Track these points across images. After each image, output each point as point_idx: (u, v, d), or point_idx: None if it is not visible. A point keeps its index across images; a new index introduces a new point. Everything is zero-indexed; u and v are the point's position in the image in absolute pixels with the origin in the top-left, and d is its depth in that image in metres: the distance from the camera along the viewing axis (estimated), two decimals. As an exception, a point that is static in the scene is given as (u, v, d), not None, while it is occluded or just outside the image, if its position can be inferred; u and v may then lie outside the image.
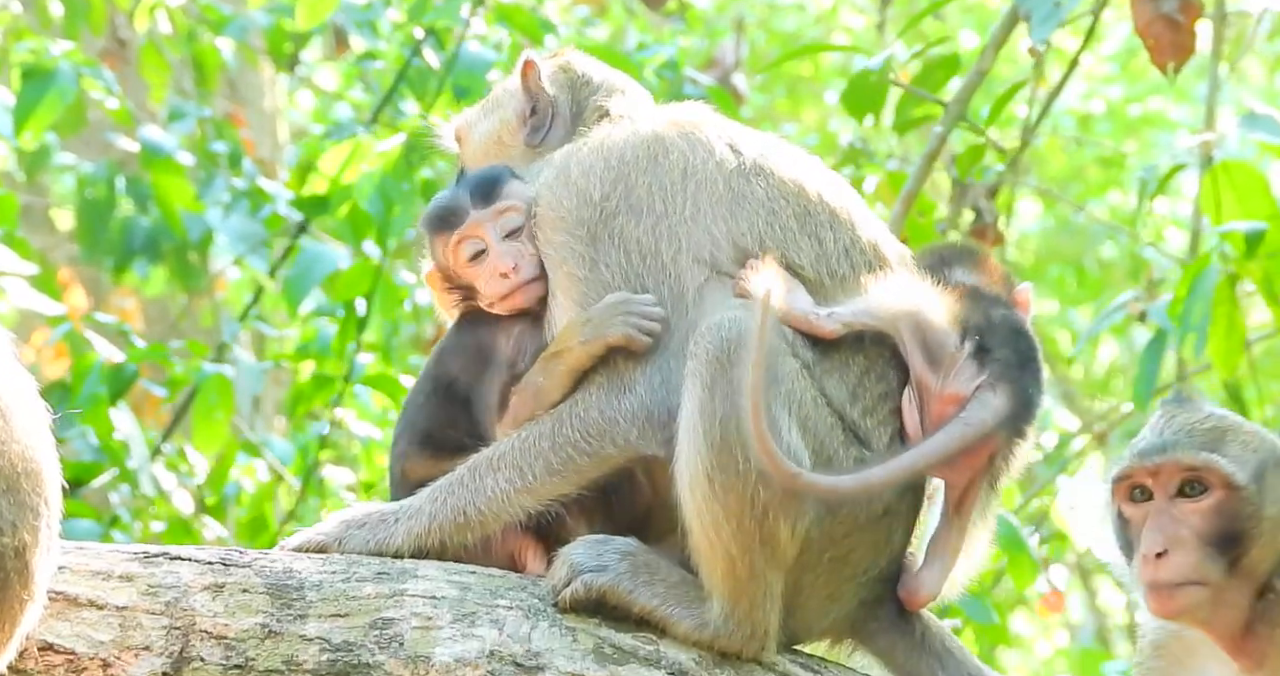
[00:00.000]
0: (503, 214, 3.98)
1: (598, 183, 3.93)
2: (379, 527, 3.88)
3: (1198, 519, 3.84)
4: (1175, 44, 5.79)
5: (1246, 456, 3.88)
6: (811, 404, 3.79)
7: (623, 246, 3.88)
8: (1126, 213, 12.82)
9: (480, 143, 4.24)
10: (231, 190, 8.40)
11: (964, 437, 3.84)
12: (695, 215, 3.90)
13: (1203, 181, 6.31)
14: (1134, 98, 13.65)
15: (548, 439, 3.84)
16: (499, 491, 3.83)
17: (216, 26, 8.96)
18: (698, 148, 3.95)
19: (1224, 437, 3.90)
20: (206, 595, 3.73)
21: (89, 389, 7.22)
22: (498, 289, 3.94)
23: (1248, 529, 3.83)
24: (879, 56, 6.41)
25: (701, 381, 3.72)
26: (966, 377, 3.89)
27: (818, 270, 3.91)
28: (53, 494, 3.55)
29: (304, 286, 7.64)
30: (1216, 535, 3.83)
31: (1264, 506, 3.85)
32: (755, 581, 3.74)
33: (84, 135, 8.83)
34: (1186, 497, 3.85)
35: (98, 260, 8.52)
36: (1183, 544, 3.83)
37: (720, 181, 3.93)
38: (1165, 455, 3.87)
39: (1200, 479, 3.85)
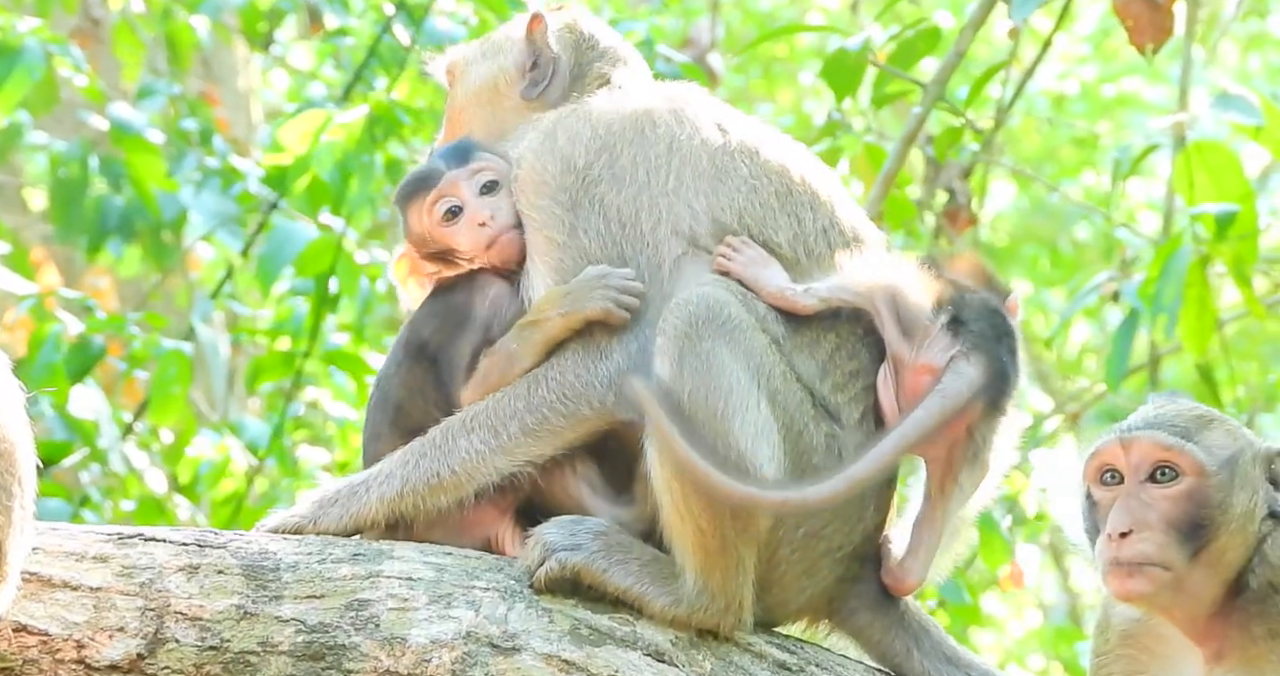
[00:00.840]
0: (477, 172, 4.01)
1: (583, 150, 3.94)
2: (350, 500, 3.88)
3: (1166, 504, 3.85)
4: (1154, 24, 5.80)
5: (1222, 447, 3.90)
6: (781, 379, 3.80)
7: (603, 214, 3.89)
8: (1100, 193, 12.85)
9: (474, 85, 4.21)
10: (202, 168, 8.36)
11: (942, 411, 3.84)
12: (677, 188, 3.91)
13: (1176, 162, 6.34)
14: (1108, 78, 13.68)
15: (523, 399, 3.85)
16: (473, 452, 3.84)
17: (191, 5, 8.90)
18: (685, 124, 3.97)
19: (1202, 428, 3.92)
20: (181, 576, 3.72)
21: (44, 358, 7.19)
22: (478, 239, 3.96)
23: (1215, 517, 3.85)
24: (857, 37, 6.40)
25: (669, 357, 3.74)
26: (940, 348, 3.89)
27: (795, 248, 3.92)
28: (26, 474, 3.53)
29: (277, 265, 7.61)
30: (1183, 521, 3.84)
31: (1233, 497, 3.87)
32: (727, 553, 3.75)
33: (57, 114, 8.78)
34: (1157, 483, 3.86)
35: (71, 239, 8.47)
36: (1148, 526, 3.84)
37: (704, 157, 3.94)
38: (1140, 434, 3.88)
39: (1172, 464, 3.86)
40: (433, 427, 3.90)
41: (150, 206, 8.19)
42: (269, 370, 7.92)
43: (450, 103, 4.27)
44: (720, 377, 3.73)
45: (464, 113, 4.22)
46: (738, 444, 3.73)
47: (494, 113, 4.18)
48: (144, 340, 7.49)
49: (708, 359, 3.72)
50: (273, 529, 3.89)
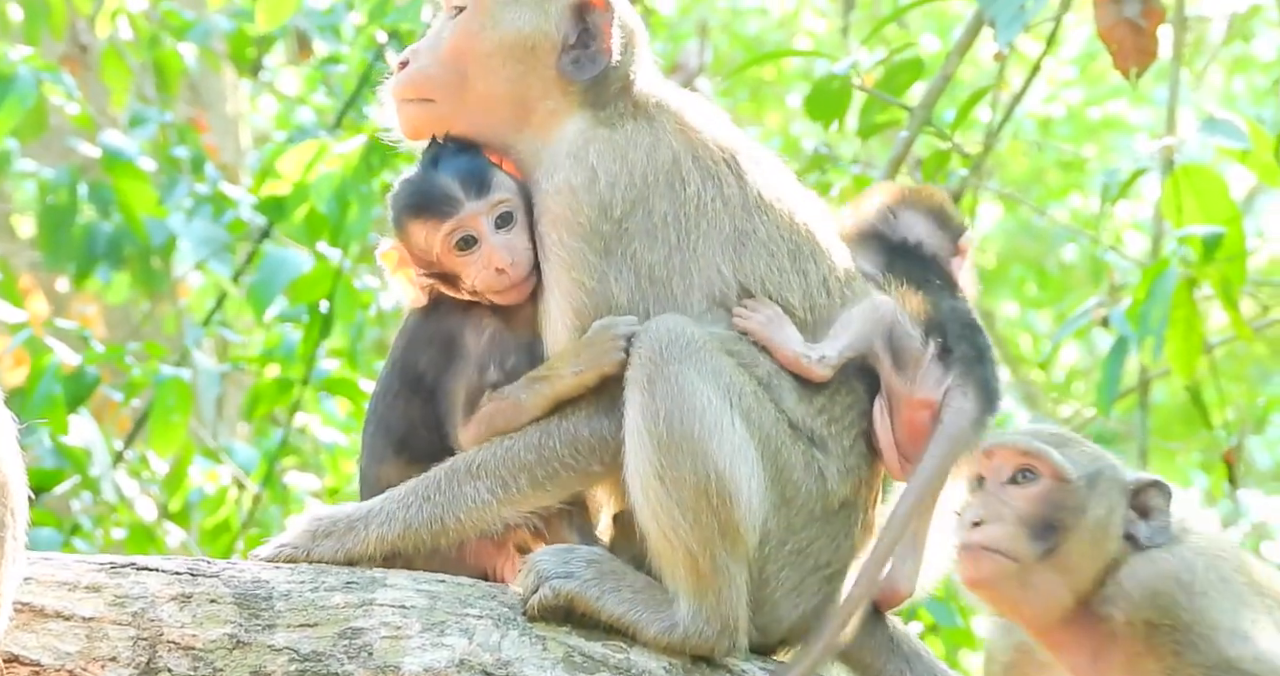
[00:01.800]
0: (496, 206, 3.90)
1: (620, 199, 3.87)
2: (346, 535, 3.87)
3: (1022, 502, 4.05)
4: (1138, 48, 5.83)
5: (1084, 461, 4.10)
6: (752, 397, 3.82)
7: (634, 269, 3.86)
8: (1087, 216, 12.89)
9: (508, 33, 3.92)
10: (194, 195, 8.37)
11: (953, 452, 3.93)
12: (706, 253, 3.90)
13: (1164, 185, 6.36)
14: (1094, 101, 13.73)
15: (533, 451, 3.84)
16: (479, 501, 3.83)
17: (179, 31, 8.92)
18: (708, 181, 3.92)
19: (1066, 443, 4.14)
20: (174, 605, 3.71)
21: (44, 390, 7.18)
22: (493, 282, 3.89)
23: (1067, 521, 4.02)
24: (843, 62, 6.43)
25: (639, 384, 3.76)
26: (934, 381, 3.97)
27: (804, 306, 3.95)
28: (19, 504, 3.52)
29: (269, 292, 7.62)
30: (1036, 519, 4.02)
31: (1089, 506, 4.04)
32: (719, 574, 3.76)
33: (45, 141, 8.79)
34: (1016, 484, 4.07)
35: (60, 266, 8.47)
36: (1000, 518, 4.04)
37: (727, 221, 3.92)
38: (1001, 441, 4.11)
39: (1032, 467, 4.07)
40: (437, 468, 3.87)
41: (139, 233, 8.19)
42: (267, 398, 7.91)
43: (463, 33, 3.93)
44: (692, 399, 3.75)
45: (485, 58, 3.91)
46: (717, 464, 3.75)
47: (523, 76, 3.93)
48: (143, 368, 7.49)
49: (677, 381, 3.74)
50: (268, 558, 3.88)
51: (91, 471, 7.52)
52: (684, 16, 12.94)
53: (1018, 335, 14.38)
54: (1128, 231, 12.80)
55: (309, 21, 9.09)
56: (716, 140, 3.99)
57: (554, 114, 3.95)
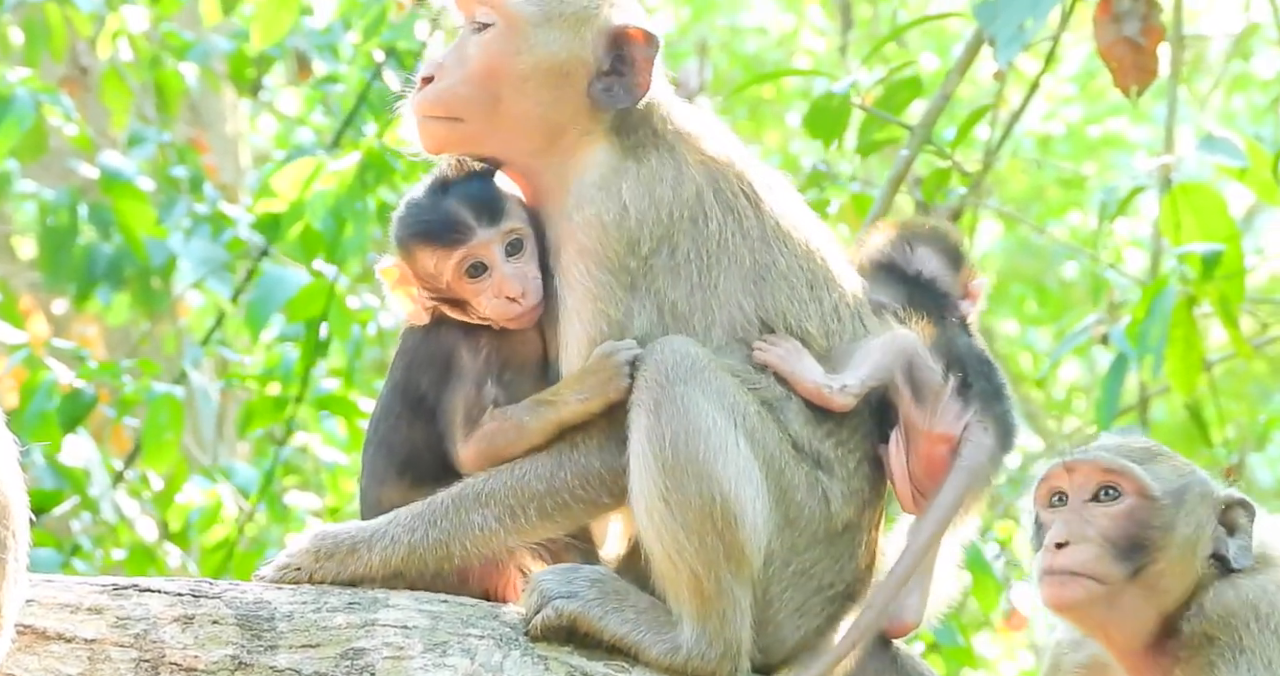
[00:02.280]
0: (508, 234, 3.90)
1: (648, 235, 3.86)
2: (349, 558, 3.86)
3: (1106, 521, 3.92)
4: (1138, 66, 5.85)
5: (1170, 476, 3.97)
6: (756, 417, 3.82)
7: (658, 305, 3.85)
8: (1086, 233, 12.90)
9: (544, 57, 3.86)
10: (192, 215, 8.38)
11: (972, 485, 3.94)
12: (727, 289, 3.89)
13: (1162, 203, 6.37)
14: (1093, 119, 13.75)
15: (544, 482, 3.83)
16: (487, 529, 3.82)
17: (179, 52, 8.93)
18: (728, 215, 3.91)
19: (1153, 458, 4.00)
20: (176, 627, 3.71)
21: (38, 407, 7.18)
22: (504, 311, 3.89)
23: (1155, 539, 3.90)
24: (843, 81, 6.45)
25: (644, 407, 3.76)
26: (954, 416, 3.96)
27: (821, 333, 3.95)
28: (20, 526, 3.52)
29: (266, 311, 7.62)
30: (1123, 538, 3.90)
31: (1176, 523, 3.92)
32: (723, 597, 3.75)
33: (45, 162, 8.80)
34: (1100, 502, 3.94)
35: (60, 287, 8.47)
36: (1085, 539, 3.90)
37: (747, 255, 3.91)
38: (1086, 455, 3.97)
39: (1115, 484, 3.94)
40: (445, 492, 3.85)
41: (139, 253, 8.20)
42: (261, 415, 7.91)
43: (495, 51, 3.86)
44: (697, 420, 3.74)
45: (519, 81, 3.86)
46: (721, 486, 3.74)
47: (556, 100, 3.89)
48: (135, 385, 7.48)
49: (682, 403, 3.74)
50: (269, 579, 3.88)
51: (91, 492, 7.52)
52: (683, 36, 12.98)
53: (1017, 353, 14.38)
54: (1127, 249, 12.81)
55: (308, 41, 9.11)
56: (735, 169, 3.98)
57: (581, 139, 3.92)
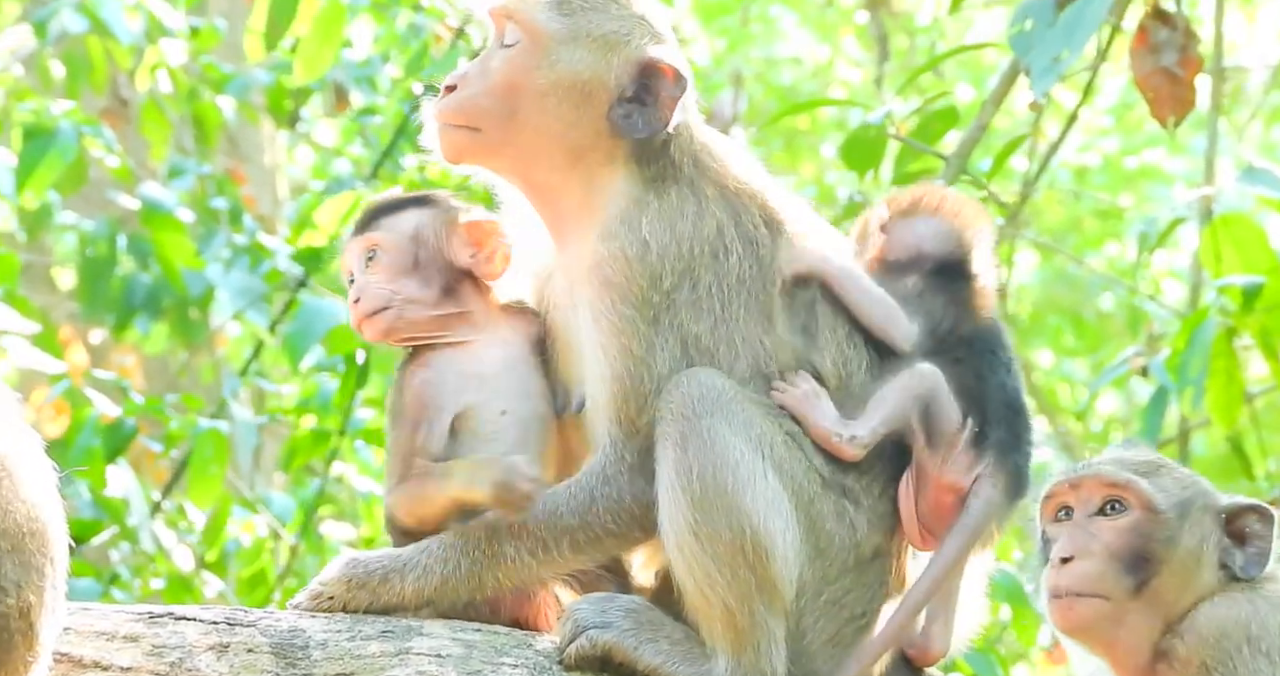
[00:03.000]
0: (364, 246, 3.99)
1: (670, 271, 3.86)
2: (381, 587, 3.86)
3: (1111, 535, 3.92)
4: (1175, 97, 5.83)
5: (1174, 489, 3.97)
6: (783, 446, 3.81)
7: (681, 340, 3.85)
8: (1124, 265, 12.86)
9: (566, 75, 3.85)
10: (231, 246, 8.43)
11: (969, 543, 3.91)
12: (748, 322, 3.89)
13: (1202, 235, 6.35)
14: (1130, 150, 13.72)
15: (576, 515, 3.82)
16: (519, 561, 3.82)
17: (217, 85, 9.00)
18: (748, 248, 3.91)
19: (1156, 471, 4.00)
20: (211, 655, 3.71)
21: (84, 442, 7.22)
22: (351, 319, 4.02)
23: (1159, 552, 3.90)
24: (879, 111, 6.44)
25: (672, 440, 3.75)
26: (964, 467, 3.93)
27: (837, 369, 3.94)
28: (58, 554, 3.53)
29: (305, 342, 7.65)
30: (1127, 552, 3.90)
31: (1180, 536, 3.91)
32: (757, 629, 3.74)
33: (85, 193, 8.87)
34: (1105, 516, 3.93)
35: (99, 318, 8.53)
36: (1091, 554, 3.90)
37: (767, 289, 3.91)
38: (1089, 471, 3.97)
39: (1120, 498, 3.94)
40: (478, 521, 3.85)
41: (176, 284, 8.25)
42: (304, 449, 7.93)
43: (518, 65, 3.85)
44: (726, 453, 3.74)
45: (539, 96, 3.85)
46: (751, 519, 3.74)
47: (575, 121, 3.88)
48: (181, 421, 7.53)
49: (710, 436, 3.74)
50: (302, 607, 3.88)
51: (129, 521, 7.55)
52: (719, 66, 13.01)
53: (1054, 384, 14.32)
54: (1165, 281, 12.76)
55: (346, 74, 9.17)
56: (757, 201, 3.97)
57: (603, 167, 3.92)
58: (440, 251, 3.97)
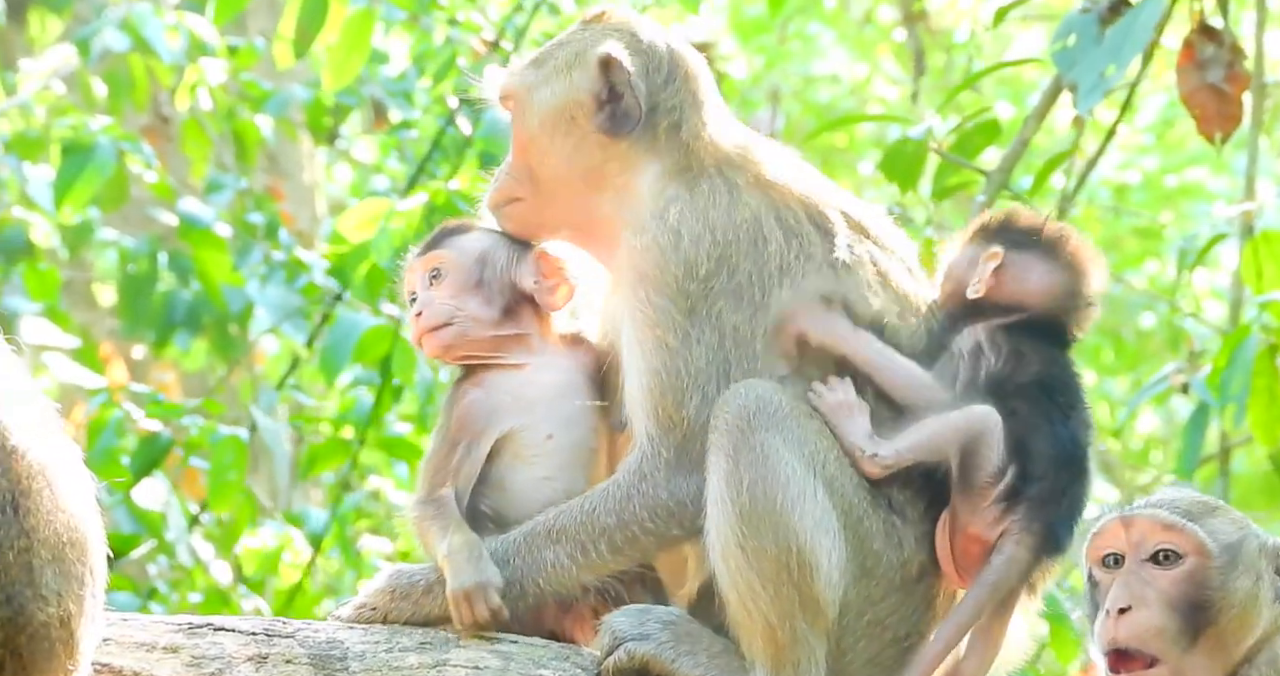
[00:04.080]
0: (430, 263, 4.04)
1: (705, 258, 3.87)
2: (425, 598, 3.86)
3: (1166, 583, 3.84)
4: (1221, 113, 5.80)
5: (1225, 533, 3.89)
6: (835, 464, 3.79)
7: (718, 329, 3.85)
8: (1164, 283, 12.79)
9: (546, 112, 3.99)
10: (268, 261, 8.46)
11: (988, 598, 3.84)
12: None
13: (1243, 251, 6.31)
14: (1170, 168, 13.65)
15: (614, 516, 3.82)
16: (559, 566, 3.82)
17: (257, 103, 9.05)
18: (791, 238, 3.91)
19: (1205, 513, 3.92)
20: (250, 666, 3.72)
21: (104, 443, 7.24)
22: (411, 330, 4.06)
23: (1215, 600, 3.83)
24: (919, 127, 6.43)
25: (724, 451, 3.74)
26: (990, 520, 3.86)
27: None
28: (98, 564, 3.55)
29: (341, 356, 7.66)
30: (1183, 602, 3.82)
31: (1236, 581, 3.85)
32: (798, 647, 3.72)
33: (126, 211, 8.92)
34: (1158, 564, 3.86)
35: (139, 334, 8.57)
36: (1147, 604, 3.82)
37: (812, 274, 3.90)
38: (1143, 511, 3.88)
39: (1173, 545, 3.85)
40: (517, 530, 3.85)
41: (216, 300, 8.29)
42: (325, 458, 7.95)
43: (517, 131, 4.05)
44: (777, 468, 3.73)
45: (535, 143, 4.01)
46: (799, 536, 3.72)
47: (576, 147, 3.98)
48: (201, 427, 7.55)
49: (762, 450, 3.72)
50: (346, 619, 3.88)
51: (167, 535, 7.57)
52: (756, 84, 13.01)
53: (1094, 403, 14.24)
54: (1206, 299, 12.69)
55: (382, 89, 9.21)
56: (798, 195, 3.97)
57: (619, 174, 3.97)
58: (506, 273, 4.01)
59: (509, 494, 3.94)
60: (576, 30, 4.07)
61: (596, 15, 4.07)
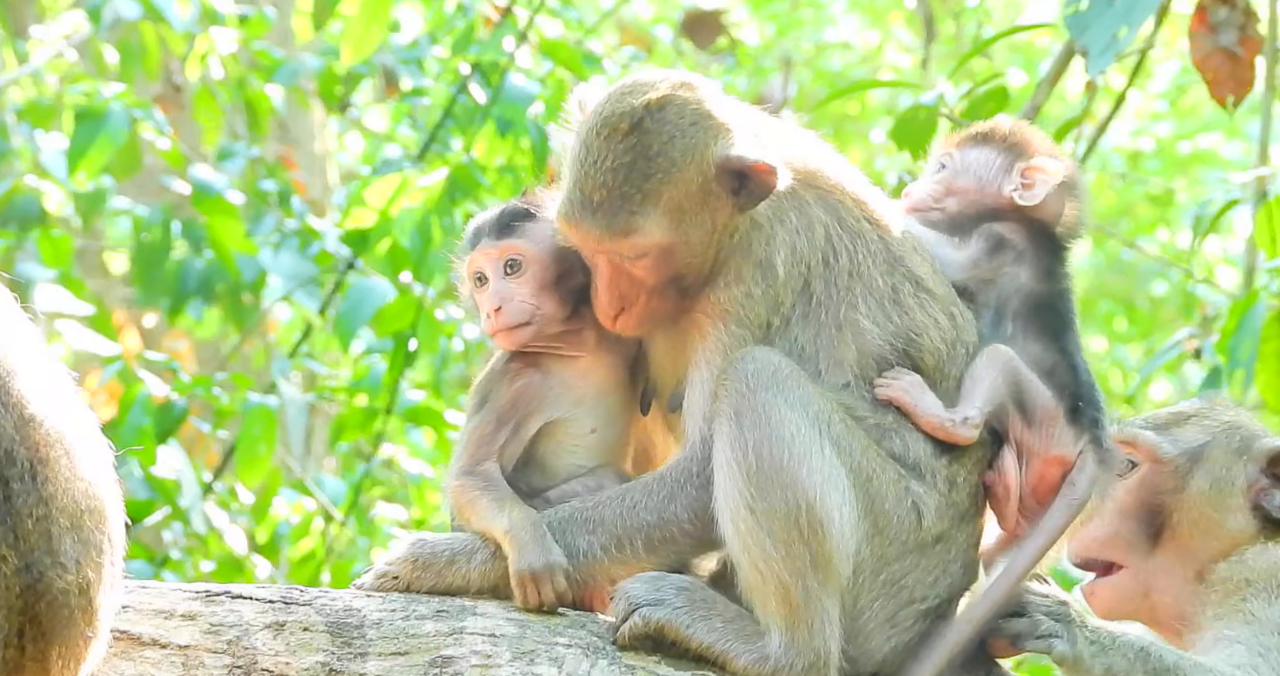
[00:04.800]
0: (507, 252, 3.97)
1: (789, 291, 3.87)
2: (447, 569, 3.87)
3: (1121, 491, 3.92)
4: (1234, 77, 5.78)
5: (1190, 437, 3.94)
6: (841, 425, 3.80)
7: (786, 351, 3.85)
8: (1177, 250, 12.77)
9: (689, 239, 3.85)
10: (280, 229, 8.47)
11: (1074, 516, 3.87)
12: (856, 321, 3.89)
13: (1257, 217, 6.29)
14: (1183, 135, 13.61)
15: (654, 513, 3.82)
16: (591, 556, 3.82)
17: (268, 71, 9.04)
18: (856, 242, 3.92)
19: (1182, 421, 3.99)
20: (268, 633, 3.74)
21: (133, 421, 7.27)
22: (484, 326, 3.99)
23: (1168, 503, 3.90)
24: (930, 93, 6.42)
25: (727, 416, 3.75)
26: (1070, 440, 3.91)
27: (934, 355, 3.93)
28: (116, 531, 3.57)
29: (354, 324, 7.68)
30: (1137, 507, 3.91)
31: (1192, 483, 3.89)
32: (812, 606, 3.73)
33: (139, 179, 8.93)
34: (1121, 478, 3.93)
35: (153, 302, 8.59)
36: (1101, 514, 3.91)
37: (879, 279, 3.91)
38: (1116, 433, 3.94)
39: (1130, 455, 3.95)
40: (554, 512, 3.85)
41: (230, 268, 8.30)
42: (350, 428, 7.97)
43: (649, 265, 3.87)
44: (780, 427, 3.73)
45: (686, 262, 3.87)
46: (807, 494, 3.73)
47: (710, 240, 3.88)
48: (230, 397, 7.57)
49: (764, 411, 3.73)
50: (367, 587, 3.90)
51: (181, 503, 7.60)
52: (768, 51, 12.97)
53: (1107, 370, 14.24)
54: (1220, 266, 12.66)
55: (394, 57, 9.19)
56: (848, 193, 3.97)
57: (726, 227, 3.88)
58: (581, 271, 3.95)
59: (547, 476, 3.96)
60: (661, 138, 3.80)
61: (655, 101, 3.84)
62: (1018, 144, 4.19)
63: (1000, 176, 4.15)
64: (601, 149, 3.78)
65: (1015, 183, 4.13)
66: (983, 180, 4.16)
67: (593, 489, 3.93)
